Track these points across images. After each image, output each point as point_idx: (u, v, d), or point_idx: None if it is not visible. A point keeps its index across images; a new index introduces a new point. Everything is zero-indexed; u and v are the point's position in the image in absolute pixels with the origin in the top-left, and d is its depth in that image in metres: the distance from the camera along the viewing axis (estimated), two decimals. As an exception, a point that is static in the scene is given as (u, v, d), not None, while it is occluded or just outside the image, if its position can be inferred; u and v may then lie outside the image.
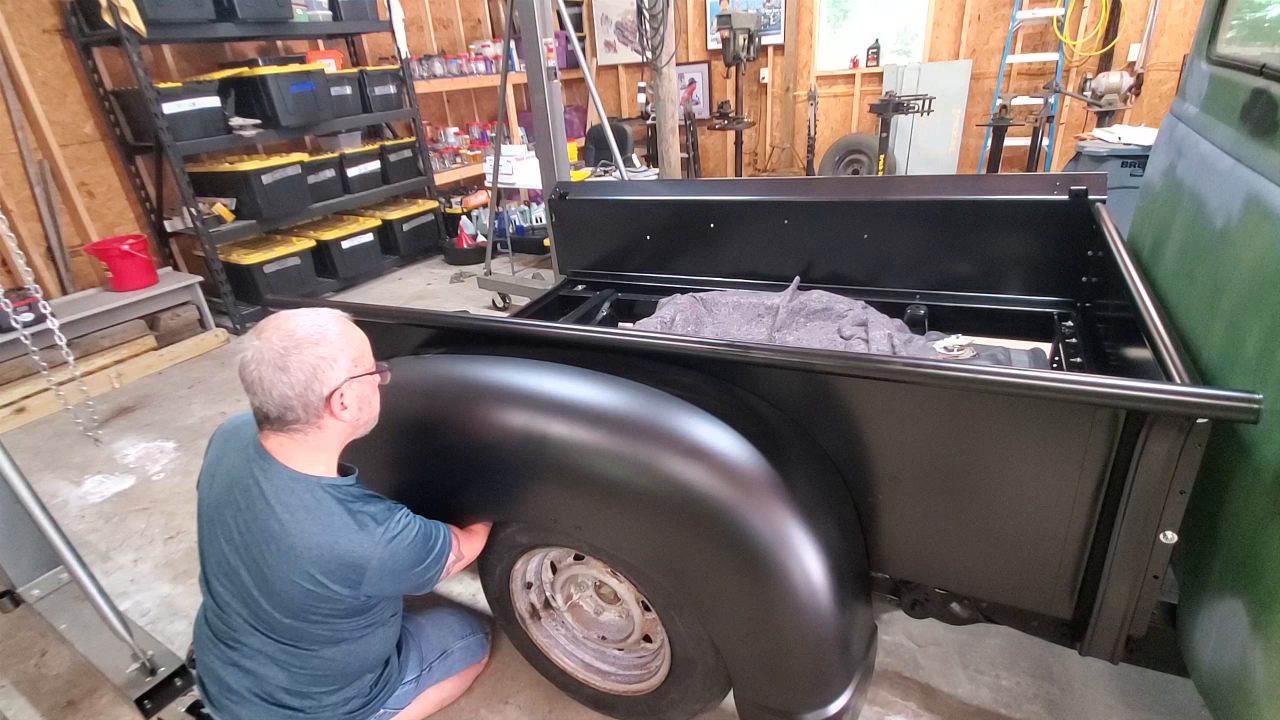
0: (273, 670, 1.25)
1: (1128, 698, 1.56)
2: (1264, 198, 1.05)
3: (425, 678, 1.51)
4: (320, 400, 1.14)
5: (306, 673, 1.27)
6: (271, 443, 1.19)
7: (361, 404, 1.22)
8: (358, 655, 1.32)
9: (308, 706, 1.29)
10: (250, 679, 1.25)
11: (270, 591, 1.19)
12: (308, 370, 1.11)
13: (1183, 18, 5.17)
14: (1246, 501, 0.96)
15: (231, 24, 3.97)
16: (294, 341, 1.11)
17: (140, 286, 3.83)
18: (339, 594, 1.18)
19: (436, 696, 1.57)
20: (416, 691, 1.50)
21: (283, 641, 1.24)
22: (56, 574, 1.99)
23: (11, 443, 2.01)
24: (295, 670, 1.26)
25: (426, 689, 1.52)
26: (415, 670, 1.50)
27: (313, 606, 1.19)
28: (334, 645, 1.27)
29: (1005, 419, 1.07)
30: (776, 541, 1.10)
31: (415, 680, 1.50)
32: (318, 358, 1.12)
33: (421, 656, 1.53)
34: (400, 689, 1.46)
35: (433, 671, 1.53)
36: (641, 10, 4.52)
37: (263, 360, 1.10)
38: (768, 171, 7.17)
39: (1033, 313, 1.90)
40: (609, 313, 2.34)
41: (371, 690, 1.40)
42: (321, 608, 1.20)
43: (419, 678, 1.50)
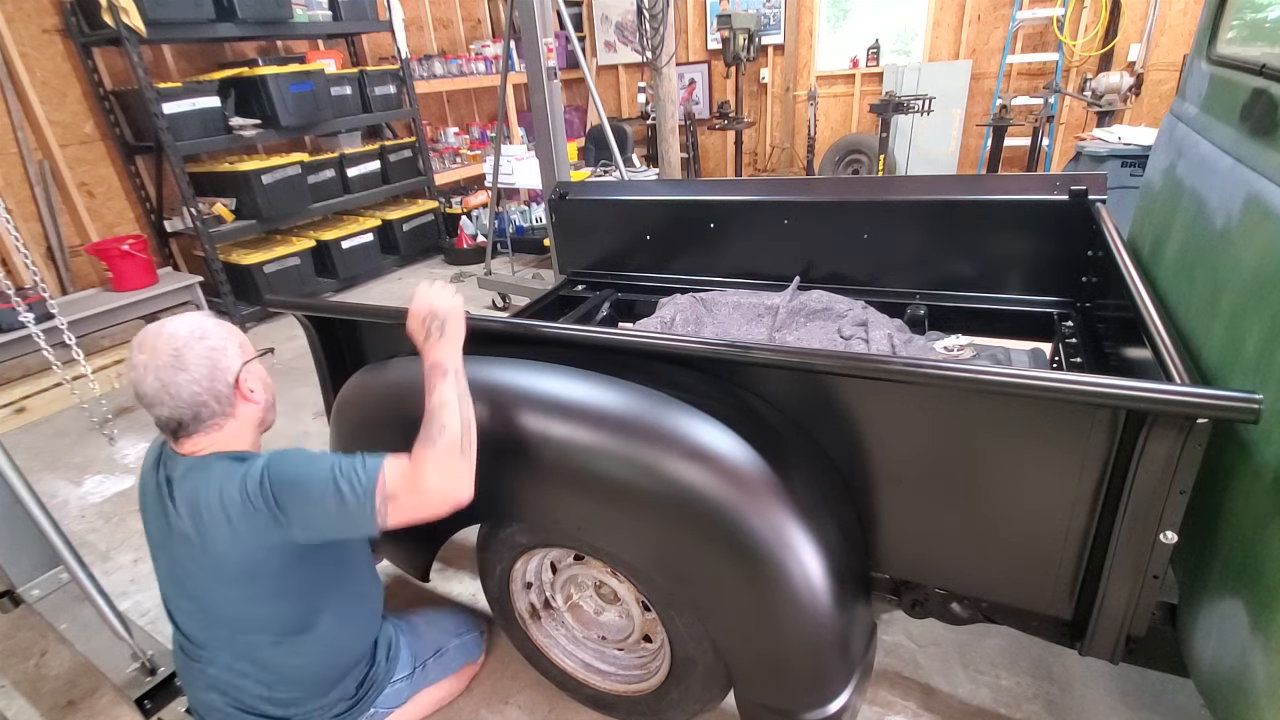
0: (248, 683, 1.25)
1: (1128, 698, 1.56)
2: (1264, 198, 1.05)
3: (419, 676, 1.50)
4: (229, 388, 1.17)
5: (282, 679, 1.26)
6: (187, 447, 1.17)
7: (263, 386, 1.25)
8: (329, 652, 1.30)
9: (293, 714, 1.29)
10: (229, 696, 1.26)
11: (210, 586, 1.17)
12: (207, 363, 1.13)
13: (1183, 18, 5.17)
14: (1246, 501, 0.96)
15: (231, 24, 3.97)
16: (181, 342, 1.12)
17: (140, 286, 3.83)
18: (263, 529, 1.10)
19: (433, 697, 1.56)
20: (411, 690, 1.48)
21: (245, 647, 1.23)
22: (56, 574, 1.99)
23: (11, 443, 2.01)
24: (270, 678, 1.25)
25: (422, 688, 1.51)
26: (408, 668, 1.49)
27: (253, 568, 1.13)
28: (298, 637, 1.23)
29: (1005, 419, 1.07)
30: (776, 541, 1.10)
31: (408, 678, 1.48)
32: (210, 349, 1.14)
33: (415, 654, 1.51)
34: (391, 687, 1.44)
35: (427, 670, 1.52)
36: (641, 10, 4.51)
37: (160, 368, 1.10)
38: (768, 171, 7.17)
39: (1033, 313, 1.90)
40: (609, 313, 2.34)
41: (357, 691, 1.39)
42: (263, 566, 1.14)
43: (412, 675, 1.48)
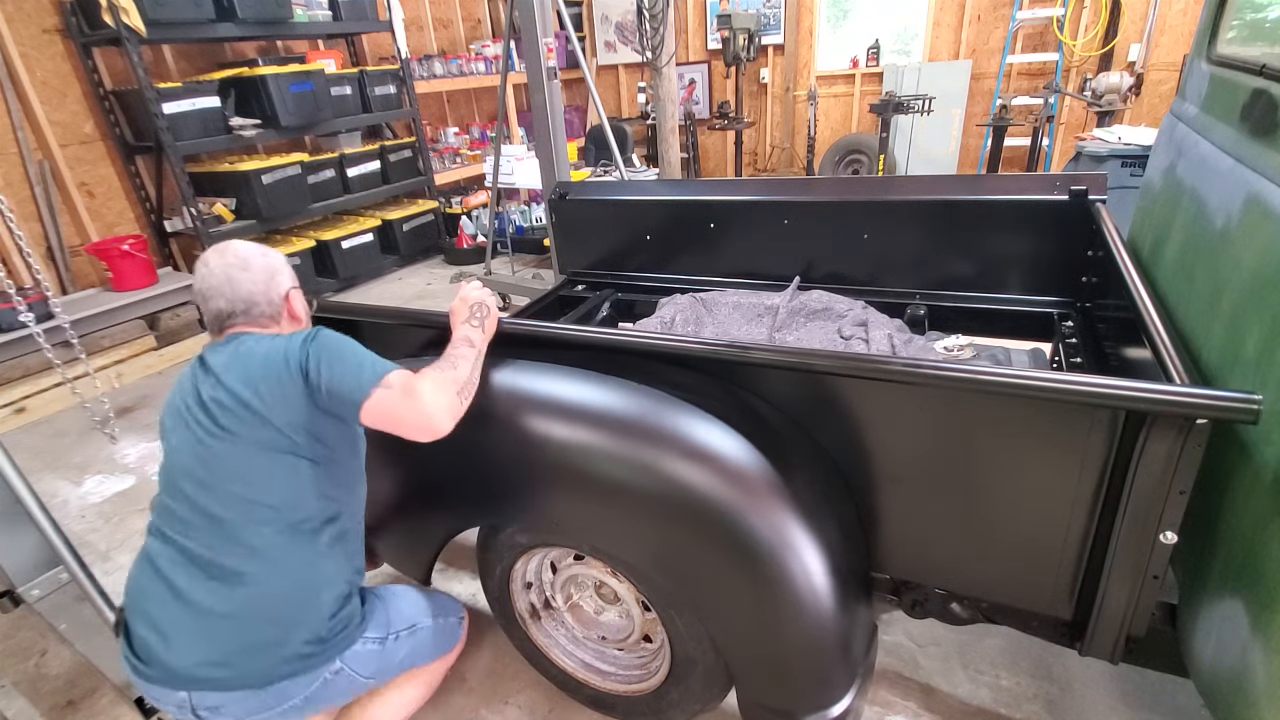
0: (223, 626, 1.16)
1: (1128, 698, 1.56)
2: (1264, 198, 1.05)
3: (391, 647, 1.36)
4: (280, 297, 1.33)
5: (261, 594, 1.17)
6: (232, 332, 1.30)
7: (306, 312, 1.40)
8: (315, 566, 1.23)
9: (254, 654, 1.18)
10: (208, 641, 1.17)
11: (234, 459, 1.18)
12: (267, 270, 1.32)
13: (1183, 18, 5.17)
14: (1246, 502, 0.96)
15: (231, 24, 3.97)
16: (248, 253, 1.32)
17: (140, 286, 3.83)
18: (289, 384, 1.19)
19: (398, 699, 1.45)
20: (379, 662, 1.33)
21: (242, 536, 1.17)
22: (56, 574, 1.98)
23: (12, 443, 2.01)
24: (249, 596, 1.17)
25: (391, 669, 1.38)
26: (380, 631, 1.34)
27: (280, 434, 1.19)
28: (299, 537, 1.21)
29: (1005, 419, 1.07)
30: (778, 542, 1.10)
31: (379, 644, 1.33)
32: (270, 264, 1.33)
33: (389, 620, 1.38)
34: (361, 645, 1.29)
35: (399, 643, 1.37)
36: (641, 10, 4.51)
37: (227, 265, 1.28)
38: (768, 171, 7.17)
39: (1033, 313, 1.90)
40: (609, 313, 2.34)
41: (331, 620, 1.24)
42: (290, 437, 1.19)
43: (383, 643, 1.34)
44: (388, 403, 1.17)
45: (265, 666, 1.18)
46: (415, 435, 1.18)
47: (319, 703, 1.26)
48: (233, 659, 1.16)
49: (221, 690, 1.15)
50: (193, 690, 1.15)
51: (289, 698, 1.20)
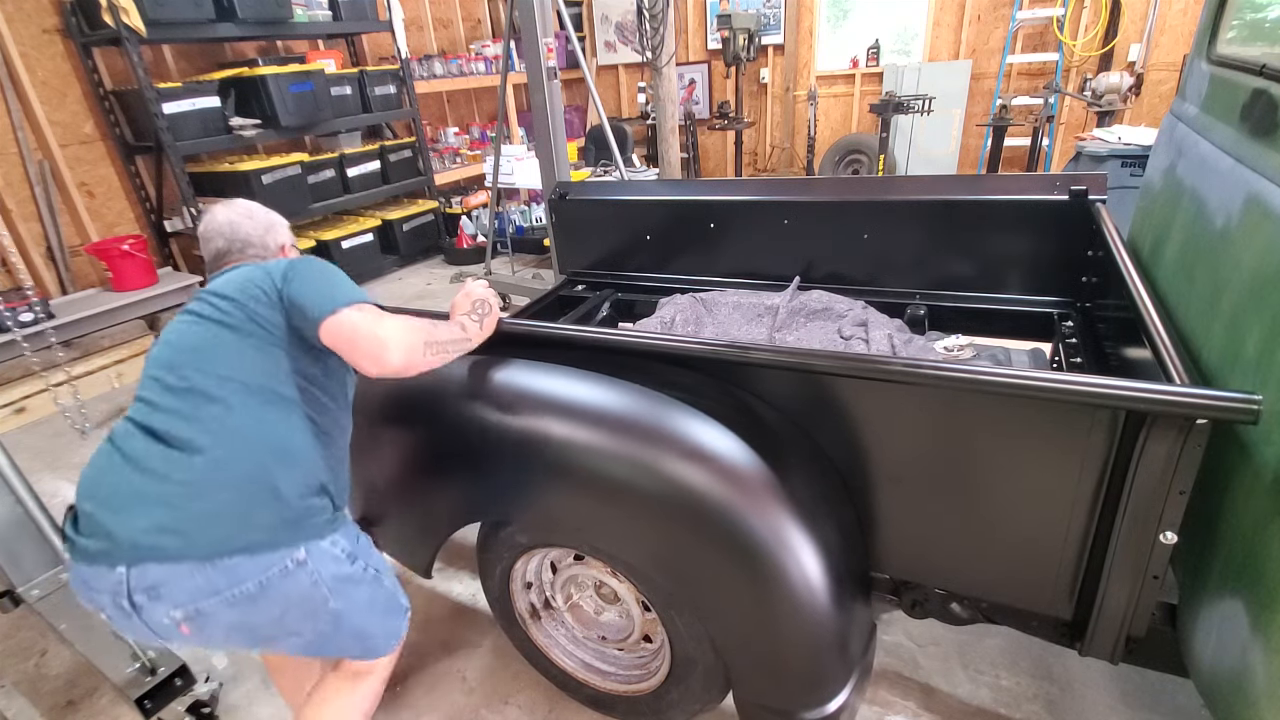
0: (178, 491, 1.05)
1: (1128, 698, 1.56)
2: (1264, 198, 1.05)
3: (357, 572, 1.21)
4: (276, 245, 1.42)
5: (231, 458, 1.09)
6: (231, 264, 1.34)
7: None
8: (277, 442, 1.14)
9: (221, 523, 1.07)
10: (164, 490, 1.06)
11: (225, 340, 1.16)
12: (268, 222, 1.43)
13: (1183, 18, 5.17)
14: (1246, 502, 0.96)
15: (231, 24, 3.97)
16: (252, 207, 1.43)
17: (140, 286, 3.83)
18: (266, 289, 1.19)
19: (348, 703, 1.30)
20: (344, 583, 1.17)
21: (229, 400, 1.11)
22: (56, 574, 1.98)
23: (11, 443, 2.01)
24: (207, 475, 1.07)
25: (351, 614, 1.20)
26: (351, 546, 1.21)
27: (273, 327, 1.17)
28: (284, 406, 1.16)
29: (1005, 419, 1.07)
30: (775, 541, 1.10)
31: (349, 559, 1.19)
32: (272, 219, 1.44)
33: (361, 549, 1.24)
34: (331, 546, 1.16)
35: (364, 578, 1.22)
36: (641, 10, 4.51)
37: (232, 211, 1.39)
38: (768, 171, 7.17)
39: (1033, 313, 1.90)
40: (609, 313, 2.34)
41: (300, 502, 1.13)
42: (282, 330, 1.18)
43: (352, 559, 1.20)
44: (349, 322, 1.12)
45: (219, 535, 1.04)
46: (365, 364, 1.12)
47: (272, 604, 1.09)
48: (184, 525, 1.03)
49: (165, 561, 1.02)
50: (133, 564, 1.01)
51: (241, 579, 1.04)
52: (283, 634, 1.14)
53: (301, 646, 1.19)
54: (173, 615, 1.04)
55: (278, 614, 1.10)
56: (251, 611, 1.07)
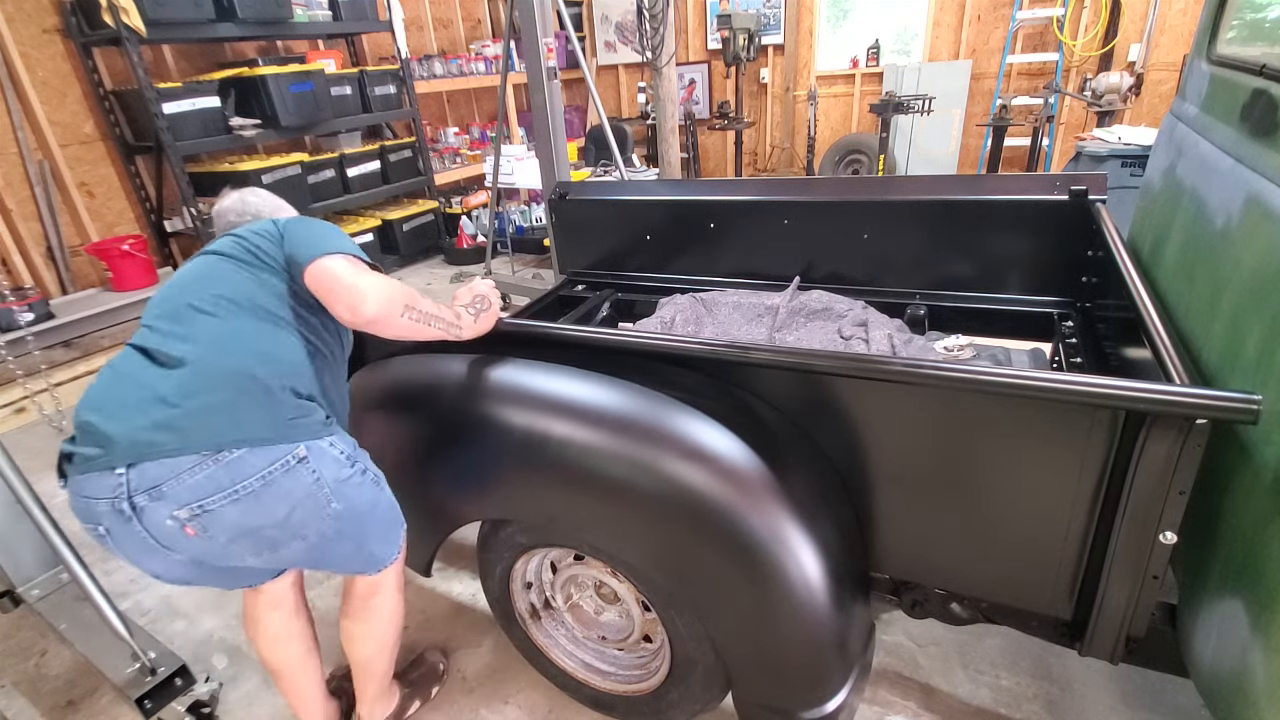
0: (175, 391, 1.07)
1: (1128, 698, 1.56)
2: (1264, 198, 1.05)
3: (357, 475, 1.20)
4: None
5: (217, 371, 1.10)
6: None
7: None
8: (272, 349, 1.17)
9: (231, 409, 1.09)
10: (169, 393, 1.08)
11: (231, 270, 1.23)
12: (274, 204, 1.51)
13: (1183, 18, 5.17)
14: (1246, 502, 0.96)
15: (231, 24, 3.97)
16: (265, 191, 1.54)
17: (140, 286, 3.83)
18: (269, 231, 1.28)
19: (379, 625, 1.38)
20: (344, 484, 1.17)
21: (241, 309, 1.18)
22: (56, 574, 1.99)
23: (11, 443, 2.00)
24: (203, 376, 1.09)
25: (352, 516, 1.20)
26: (349, 449, 1.21)
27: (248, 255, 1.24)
28: (288, 328, 1.20)
29: (1005, 419, 1.07)
30: (774, 541, 1.10)
31: (348, 462, 1.19)
32: (280, 203, 1.53)
33: (360, 454, 1.25)
34: (329, 447, 1.16)
35: (364, 481, 1.22)
36: (641, 10, 4.51)
37: (243, 193, 1.50)
38: (768, 171, 7.17)
39: (1033, 313, 1.90)
40: (609, 313, 2.34)
41: (297, 403, 1.15)
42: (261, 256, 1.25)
43: (352, 462, 1.20)
44: (331, 268, 1.17)
45: (217, 428, 1.05)
46: (341, 311, 1.16)
47: (277, 502, 1.08)
48: (180, 422, 1.03)
49: (164, 457, 1.01)
50: (132, 464, 1.01)
51: (244, 475, 1.04)
52: (287, 538, 1.13)
53: (305, 553, 1.18)
54: (176, 515, 1.03)
55: (283, 514, 1.10)
56: (256, 510, 1.07)
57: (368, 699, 1.52)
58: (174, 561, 1.14)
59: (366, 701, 1.52)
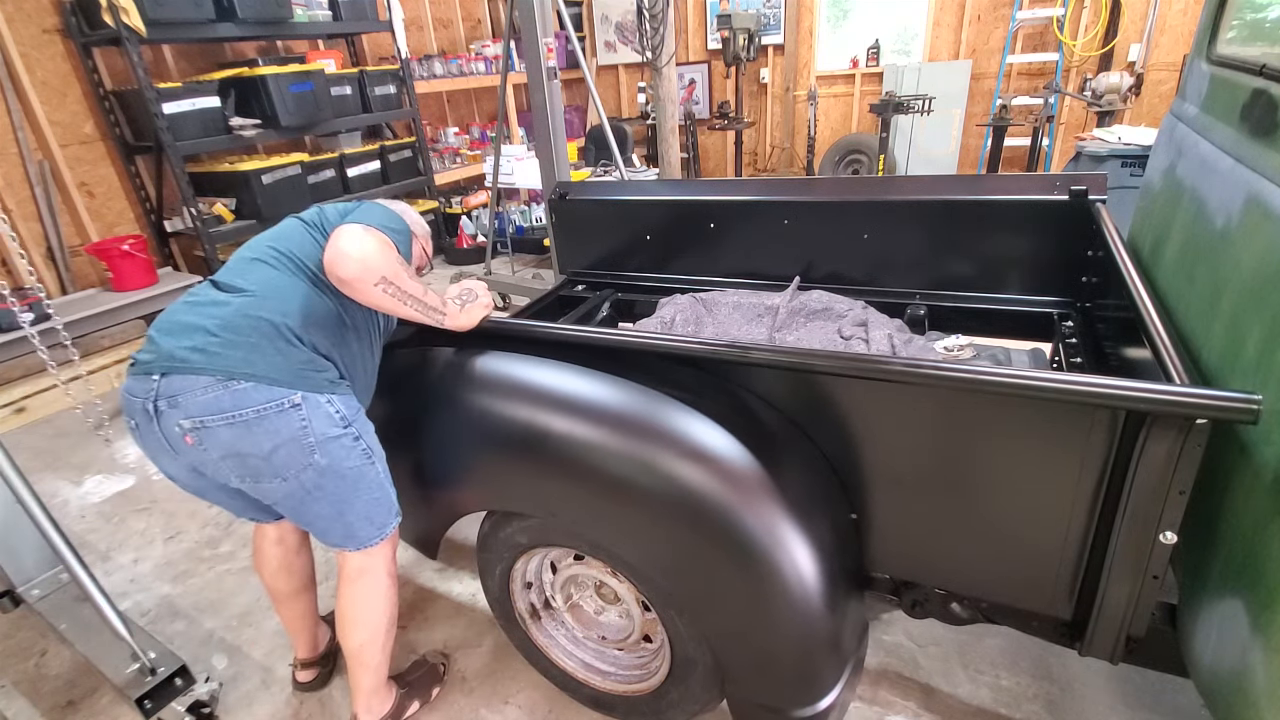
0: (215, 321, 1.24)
1: (1128, 698, 1.56)
2: (1264, 198, 1.05)
3: (348, 441, 1.30)
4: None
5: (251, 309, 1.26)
6: None
7: None
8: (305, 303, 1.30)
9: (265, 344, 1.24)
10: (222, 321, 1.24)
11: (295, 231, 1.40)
12: (402, 212, 1.53)
13: (1183, 18, 5.17)
14: (1246, 502, 0.96)
15: (231, 24, 3.97)
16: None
17: (140, 286, 3.83)
18: (344, 208, 1.42)
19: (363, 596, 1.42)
20: (333, 442, 1.26)
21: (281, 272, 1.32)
22: (56, 574, 1.99)
23: (12, 443, 2.01)
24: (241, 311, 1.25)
25: (337, 482, 1.30)
26: (349, 412, 1.31)
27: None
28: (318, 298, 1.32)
29: (1005, 419, 1.07)
30: (769, 540, 1.10)
31: (342, 425, 1.28)
32: (415, 215, 1.59)
33: (360, 423, 1.34)
34: (327, 404, 1.26)
35: (355, 447, 1.31)
36: (641, 10, 4.51)
37: (385, 201, 1.54)
38: (768, 171, 7.17)
39: (1033, 313, 1.90)
40: (609, 313, 2.34)
41: (309, 357, 1.27)
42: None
43: (346, 425, 1.29)
44: (340, 231, 1.24)
45: (236, 359, 1.20)
46: (327, 267, 1.24)
47: (264, 435, 1.21)
48: (212, 346, 1.21)
49: (189, 373, 1.19)
50: (166, 373, 1.20)
51: (243, 404, 1.19)
52: (269, 473, 1.25)
53: (284, 497, 1.29)
54: (182, 424, 1.20)
55: (267, 448, 1.22)
56: (245, 438, 1.21)
57: (363, 693, 1.53)
58: (180, 465, 1.29)
59: (362, 696, 1.53)
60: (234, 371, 1.19)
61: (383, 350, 1.52)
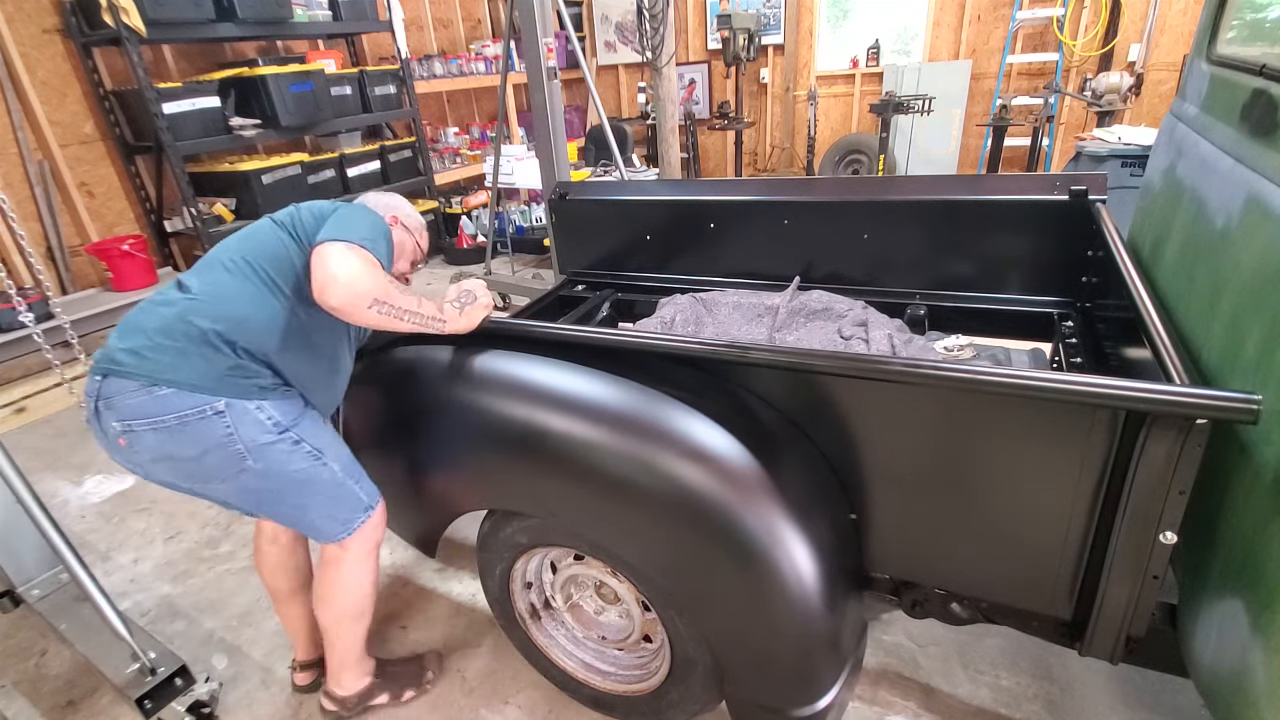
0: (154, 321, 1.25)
1: (1128, 698, 1.56)
2: (1264, 198, 1.05)
3: (285, 448, 1.28)
4: (388, 214, 1.52)
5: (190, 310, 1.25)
6: None
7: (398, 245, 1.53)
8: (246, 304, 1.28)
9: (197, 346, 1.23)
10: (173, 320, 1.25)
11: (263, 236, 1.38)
12: (390, 201, 1.57)
13: (1183, 18, 5.17)
14: (1246, 502, 0.96)
15: (231, 24, 3.97)
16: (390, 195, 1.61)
17: (140, 286, 3.84)
18: (319, 210, 1.38)
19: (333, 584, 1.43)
20: (263, 450, 1.25)
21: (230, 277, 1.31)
22: (56, 574, 1.99)
23: (11, 443, 2.01)
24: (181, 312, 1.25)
25: (274, 489, 1.30)
26: (285, 418, 1.28)
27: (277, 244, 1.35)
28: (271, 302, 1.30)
29: (1005, 419, 1.07)
30: (768, 539, 1.10)
31: (276, 431, 1.26)
32: (395, 200, 1.60)
33: (304, 429, 1.31)
34: (256, 411, 1.25)
35: (294, 453, 1.29)
36: (641, 10, 4.51)
37: (375, 193, 1.58)
38: (768, 171, 7.17)
39: (1033, 313, 1.90)
40: (609, 313, 2.34)
41: (238, 359, 1.25)
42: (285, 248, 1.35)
43: (281, 431, 1.27)
44: (324, 252, 1.23)
45: (161, 364, 1.21)
46: (314, 292, 1.23)
47: (190, 441, 1.21)
48: (144, 349, 1.22)
49: (122, 376, 1.21)
50: (106, 375, 1.22)
51: (165, 410, 1.20)
52: (204, 475, 1.28)
53: (234, 495, 1.33)
54: (114, 426, 1.23)
55: (195, 453, 1.24)
56: (171, 443, 1.23)
57: (332, 667, 1.60)
58: (129, 463, 1.30)
59: (331, 669, 1.60)
60: (157, 376, 1.20)
61: (381, 349, 1.52)
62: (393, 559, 2.20)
